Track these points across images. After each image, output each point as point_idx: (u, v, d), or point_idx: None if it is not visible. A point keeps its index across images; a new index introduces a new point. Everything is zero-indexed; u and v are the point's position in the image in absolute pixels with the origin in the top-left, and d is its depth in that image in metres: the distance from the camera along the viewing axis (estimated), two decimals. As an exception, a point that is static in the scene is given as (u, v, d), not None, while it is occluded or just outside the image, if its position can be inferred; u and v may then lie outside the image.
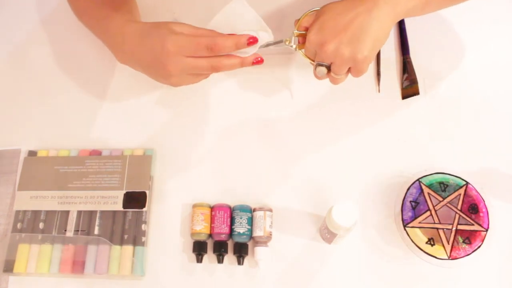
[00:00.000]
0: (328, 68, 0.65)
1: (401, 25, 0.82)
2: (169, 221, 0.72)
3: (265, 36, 0.65)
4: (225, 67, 0.65)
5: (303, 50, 0.67)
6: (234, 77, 0.80)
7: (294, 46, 0.67)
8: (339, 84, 0.68)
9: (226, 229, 0.69)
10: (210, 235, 0.70)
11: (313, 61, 0.66)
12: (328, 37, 0.62)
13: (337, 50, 0.62)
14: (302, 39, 0.66)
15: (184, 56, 0.63)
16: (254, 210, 0.70)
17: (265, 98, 0.79)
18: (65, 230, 0.70)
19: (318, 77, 0.67)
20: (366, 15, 0.62)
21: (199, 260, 0.69)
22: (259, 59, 0.66)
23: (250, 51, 0.65)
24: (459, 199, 0.69)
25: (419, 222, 0.68)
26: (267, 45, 0.66)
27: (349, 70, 0.65)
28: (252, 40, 0.64)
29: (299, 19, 0.67)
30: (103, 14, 0.72)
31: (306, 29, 0.66)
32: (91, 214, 0.71)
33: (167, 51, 0.63)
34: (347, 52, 0.62)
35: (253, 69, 0.80)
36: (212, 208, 0.71)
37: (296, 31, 0.67)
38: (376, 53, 0.67)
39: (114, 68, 0.81)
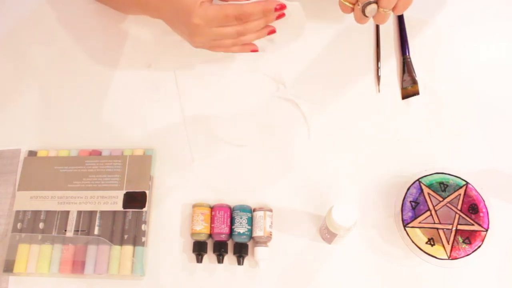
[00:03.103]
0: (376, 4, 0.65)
1: (401, 25, 0.82)
2: (169, 221, 0.72)
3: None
4: (251, 30, 0.68)
5: None
6: (234, 77, 0.80)
7: None
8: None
9: (226, 229, 0.69)
10: (210, 235, 0.70)
11: (354, 4, 0.66)
12: None
13: None
14: None
15: (212, 27, 0.66)
16: (254, 210, 0.70)
17: (264, 99, 0.79)
18: (65, 230, 0.70)
19: (365, 17, 0.66)
20: None
21: (199, 260, 0.69)
22: (281, 5, 0.67)
23: None
24: (459, 199, 0.69)
25: (419, 222, 0.68)
26: None
27: (395, 6, 0.65)
28: (279, 7, 0.65)
29: None
30: None
31: None
32: (91, 214, 0.71)
33: (195, 24, 0.66)
34: None
35: (251, 68, 0.80)
36: (212, 208, 0.71)
37: None
38: None
39: (114, 68, 0.81)
